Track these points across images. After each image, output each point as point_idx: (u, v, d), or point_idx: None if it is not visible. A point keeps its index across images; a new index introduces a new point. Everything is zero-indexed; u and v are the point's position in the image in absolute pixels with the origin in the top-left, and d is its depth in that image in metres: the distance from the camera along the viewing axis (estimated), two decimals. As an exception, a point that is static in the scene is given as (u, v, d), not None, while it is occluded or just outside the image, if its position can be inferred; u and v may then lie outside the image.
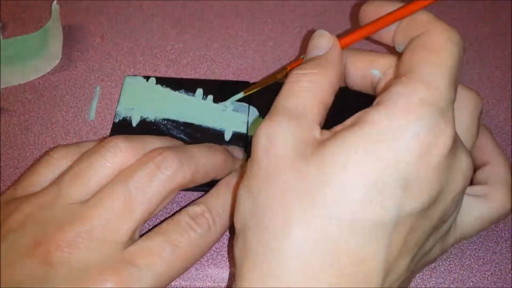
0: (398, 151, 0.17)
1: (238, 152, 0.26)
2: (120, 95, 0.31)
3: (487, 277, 0.26)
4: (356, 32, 0.22)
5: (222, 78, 0.33)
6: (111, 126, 0.30)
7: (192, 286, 0.25)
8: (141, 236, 0.21)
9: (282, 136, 0.18)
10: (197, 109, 0.30)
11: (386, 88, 0.19)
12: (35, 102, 0.32)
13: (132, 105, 0.30)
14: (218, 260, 0.25)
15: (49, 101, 0.32)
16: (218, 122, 0.29)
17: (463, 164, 0.19)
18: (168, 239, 0.21)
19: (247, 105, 0.30)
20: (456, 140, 0.18)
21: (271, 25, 0.36)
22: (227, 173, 0.25)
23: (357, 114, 0.19)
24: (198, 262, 0.24)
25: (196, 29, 0.36)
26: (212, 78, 0.33)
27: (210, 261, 0.25)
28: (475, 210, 0.23)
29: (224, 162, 0.24)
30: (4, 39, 0.34)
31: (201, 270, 0.25)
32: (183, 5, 0.37)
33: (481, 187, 0.24)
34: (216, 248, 0.26)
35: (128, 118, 0.29)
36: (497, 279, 0.26)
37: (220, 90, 0.31)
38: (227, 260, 0.25)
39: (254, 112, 0.30)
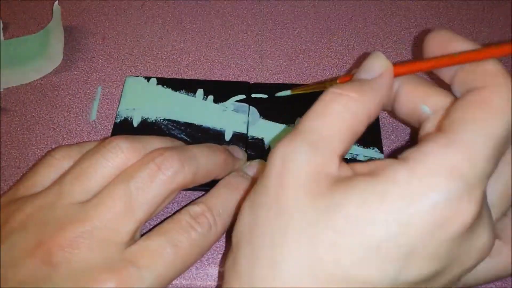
0: (411, 217, 0.16)
1: (238, 152, 0.27)
2: (121, 96, 0.31)
3: (486, 277, 0.26)
4: (415, 64, 0.20)
5: (223, 78, 0.33)
6: (112, 127, 0.30)
7: (192, 285, 0.25)
8: (141, 235, 0.21)
9: (297, 163, 0.17)
10: (198, 110, 0.30)
11: (425, 139, 0.17)
12: (36, 103, 0.32)
13: (133, 106, 0.30)
14: (218, 259, 0.26)
15: (51, 102, 0.32)
16: (219, 122, 0.30)
17: (481, 242, 0.17)
18: (169, 239, 0.21)
19: (247, 105, 0.30)
20: (479, 217, 0.16)
21: (271, 25, 0.36)
22: (227, 173, 0.25)
23: (380, 162, 0.17)
24: (198, 261, 0.24)
25: (196, 30, 0.36)
26: (213, 78, 0.33)
27: (210, 260, 0.25)
28: (483, 265, 0.20)
29: (225, 162, 0.24)
30: (5, 40, 0.34)
31: (201, 269, 0.25)
32: (184, 5, 0.37)
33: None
34: (217, 247, 0.26)
35: (129, 119, 0.30)
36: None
37: (220, 91, 0.31)
38: (227, 259, 0.26)
39: (254, 112, 0.30)
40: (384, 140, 0.30)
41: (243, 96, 0.31)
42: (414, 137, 0.20)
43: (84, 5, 0.37)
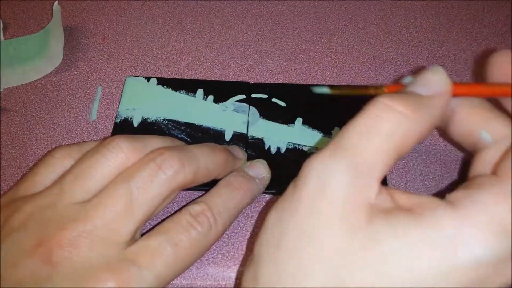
0: (451, 269, 0.15)
1: (238, 152, 0.27)
2: (121, 96, 0.31)
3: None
4: (477, 86, 0.18)
5: (223, 78, 0.33)
6: (112, 127, 0.30)
7: (192, 285, 0.25)
8: (142, 235, 0.21)
9: (335, 186, 0.16)
10: (198, 109, 0.30)
11: (479, 183, 0.16)
12: (36, 103, 0.32)
13: (133, 106, 0.30)
14: (218, 259, 0.26)
15: (51, 102, 0.32)
16: (219, 122, 0.30)
17: None
18: (169, 238, 0.21)
19: (247, 105, 0.30)
20: None
21: (271, 25, 0.36)
22: (228, 172, 0.25)
23: (425, 199, 0.16)
24: (198, 260, 0.24)
25: (196, 30, 0.36)
26: (213, 78, 0.33)
27: (210, 259, 0.25)
28: None
29: (225, 162, 0.24)
30: (5, 40, 0.34)
31: (201, 268, 0.25)
32: (183, 6, 0.37)
33: None
34: (217, 247, 0.26)
35: (129, 119, 0.30)
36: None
37: (220, 91, 0.31)
38: (227, 259, 0.26)
39: (254, 112, 0.30)
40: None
41: (243, 96, 0.31)
42: (467, 164, 0.19)
43: (84, 5, 0.37)
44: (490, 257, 0.14)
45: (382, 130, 0.17)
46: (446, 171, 0.28)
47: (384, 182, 0.27)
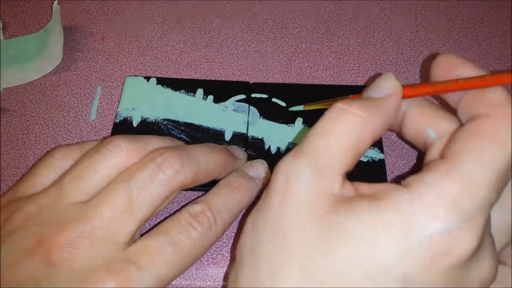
0: (410, 247, 0.16)
1: (238, 152, 0.26)
2: (121, 96, 0.31)
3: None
4: (423, 87, 0.20)
5: (222, 78, 0.33)
6: (112, 127, 0.30)
7: (192, 285, 0.25)
8: (141, 235, 0.21)
9: (300, 184, 0.18)
10: (198, 109, 0.30)
11: (429, 166, 0.17)
12: (36, 103, 0.32)
13: (133, 106, 0.30)
14: (218, 259, 0.25)
15: (50, 102, 0.32)
16: (219, 122, 0.30)
17: (482, 272, 0.17)
18: (169, 238, 0.21)
19: (247, 105, 0.30)
20: (480, 247, 0.16)
21: (271, 25, 0.36)
22: (228, 173, 0.25)
23: (384, 186, 0.17)
24: (198, 261, 0.24)
25: (196, 30, 0.36)
26: (212, 78, 0.33)
27: (210, 260, 0.25)
28: None
29: (225, 162, 0.24)
30: (5, 40, 0.34)
31: (201, 269, 0.25)
32: (183, 5, 0.37)
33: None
34: (216, 247, 0.26)
35: (129, 118, 0.30)
36: (497, 279, 0.26)
37: (220, 90, 0.31)
38: (227, 259, 0.25)
39: (254, 112, 0.30)
40: (384, 140, 0.30)
41: (243, 96, 0.31)
42: (421, 161, 0.20)
43: (83, 5, 0.37)
44: (444, 230, 0.16)
45: (338, 131, 0.18)
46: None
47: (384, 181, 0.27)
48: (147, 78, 0.31)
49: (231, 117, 0.30)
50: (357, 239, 0.16)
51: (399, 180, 0.18)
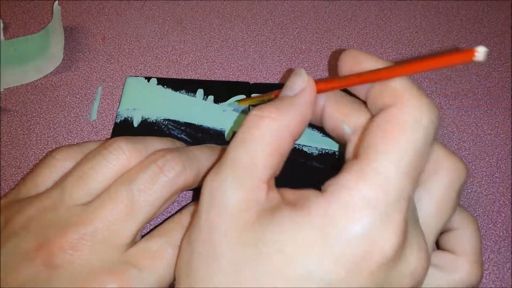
0: (329, 253, 0.15)
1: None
2: (121, 96, 0.31)
3: (486, 277, 0.26)
4: (330, 81, 0.20)
5: (223, 78, 0.33)
6: (112, 127, 0.30)
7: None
8: (142, 236, 0.21)
9: (223, 198, 0.18)
10: (198, 110, 0.30)
11: (343, 168, 0.17)
12: (36, 103, 0.32)
13: (134, 106, 0.30)
14: (219, 260, 0.26)
15: (51, 102, 0.32)
16: (219, 122, 0.30)
17: (410, 266, 0.17)
18: (169, 240, 0.21)
19: (247, 105, 0.30)
20: (404, 242, 0.16)
21: (271, 25, 0.36)
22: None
23: (305, 192, 0.17)
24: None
25: (196, 30, 0.36)
26: (213, 78, 0.33)
27: (211, 260, 0.25)
28: (435, 282, 0.20)
29: None
30: (5, 40, 0.34)
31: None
32: (184, 6, 0.37)
33: (446, 257, 0.21)
34: (217, 248, 0.26)
35: (129, 119, 0.30)
36: (497, 279, 0.26)
37: (220, 91, 0.31)
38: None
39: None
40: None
41: (243, 96, 0.31)
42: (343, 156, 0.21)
43: (84, 5, 0.37)
44: (360, 233, 0.15)
45: (254, 137, 0.18)
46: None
47: None
48: (148, 79, 0.32)
49: (231, 117, 0.30)
50: (279, 247, 0.16)
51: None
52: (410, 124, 0.16)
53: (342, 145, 0.21)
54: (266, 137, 0.18)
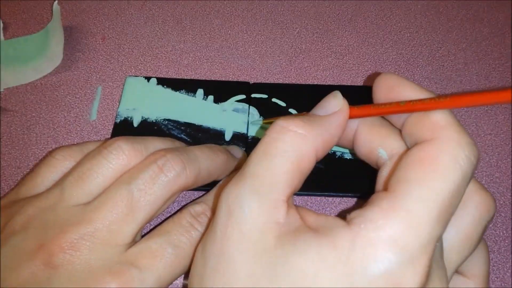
0: (348, 286, 0.15)
1: (238, 152, 0.27)
2: (121, 96, 0.31)
3: (486, 276, 0.26)
4: (366, 108, 0.19)
5: (223, 78, 0.33)
6: (112, 127, 0.30)
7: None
8: (142, 236, 0.21)
9: (242, 213, 0.17)
10: (198, 109, 0.30)
11: (372, 200, 0.16)
12: (36, 103, 0.32)
13: (133, 106, 0.30)
14: (218, 260, 0.26)
15: (51, 102, 0.32)
16: (219, 122, 0.30)
17: None
18: (169, 240, 0.21)
19: (247, 105, 0.30)
20: (427, 281, 0.16)
21: (271, 25, 0.36)
22: (228, 173, 0.25)
23: (329, 220, 0.17)
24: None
25: (196, 30, 0.36)
26: (213, 78, 0.33)
27: (211, 260, 0.25)
28: None
29: (225, 163, 0.24)
30: (5, 40, 0.34)
31: (202, 269, 0.25)
32: (184, 5, 0.37)
33: (456, 279, 0.21)
34: (217, 248, 0.26)
35: (129, 119, 0.30)
36: (497, 279, 0.26)
37: (220, 91, 0.31)
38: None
39: (254, 112, 0.30)
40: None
41: (243, 96, 0.31)
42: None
43: (84, 5, 0.37)
44: (384, 272, 0.15)
45: (278, 151, 0.17)
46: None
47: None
48: (148, 78, 0.32)
49: (231, 117, 0.30)
50: (300, 275, 0.15)
51: (345, 213, 0.17)
52: (448, 165, 0.16)
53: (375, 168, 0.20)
54: (290, 152, 0.17)
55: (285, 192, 0.17)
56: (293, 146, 0.17)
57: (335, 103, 0.19)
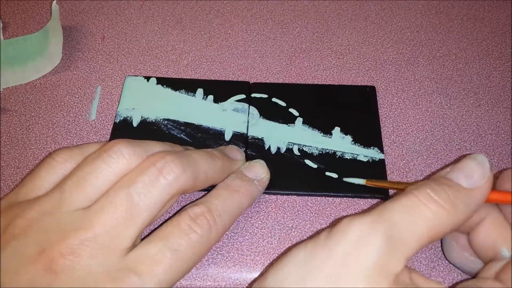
0: None
1: (236, 153, 0.26)
2: (121, 95, 0.31)
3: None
4: (505, 194, 0.19)
5: (222, 78, 0.33)
6: (112, 126, 0.30)
7: (192, 285, 0.25)
8: (142, 239, 0.21)
9: (369, 252, 0.18)
10: (198, 109, 0.30)
11: (481, 283, 0.18)
12: (36, 102, 0.32)
13: (133, 105, 0.30)
14: (218, 260, 0.25)
15: (50, 101, 0.32)
16: (219, 122, 0.30)
17: None
18: (169, 244, 0.20)
19: (247, 105, 0.30)
20: None
21: (271, 25, 0.36)
22: (225, 177, 0.25)
23: None
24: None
25: (196, 30, 0.36)
26: (212, 78, 0.33)
27: (210, 260, 0.25)
28: None
29: (223, 168, 0.24)
30: (5, 40, 0.34)
31: (201, 269, 0.25)
32: (183, 5, 0.37)
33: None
34: (216, 248, 0.26)
35: (128, 118, 0.30)
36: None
37: (220, 90, 0.31)
38: (227, 259, 0.26)
39: (254, 112, 0.30)
40: (384, 140, 0.30)
41: (243, 96, 0.31)
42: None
43: (83, 4, 0.37)
44: None
45: (421, 216, 0.18)
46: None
47: (386, 191, 0.27)
48: (147, 78, 0.31)
49: (231, 117, 0.30)
50: None
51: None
52: None
53: (482, 260, 0.21)
54: (432, 222, 0.18)
55: (410, 251, 0.18)
56: (436, 217, 0.18)
57: (481, 174, 0.19)
